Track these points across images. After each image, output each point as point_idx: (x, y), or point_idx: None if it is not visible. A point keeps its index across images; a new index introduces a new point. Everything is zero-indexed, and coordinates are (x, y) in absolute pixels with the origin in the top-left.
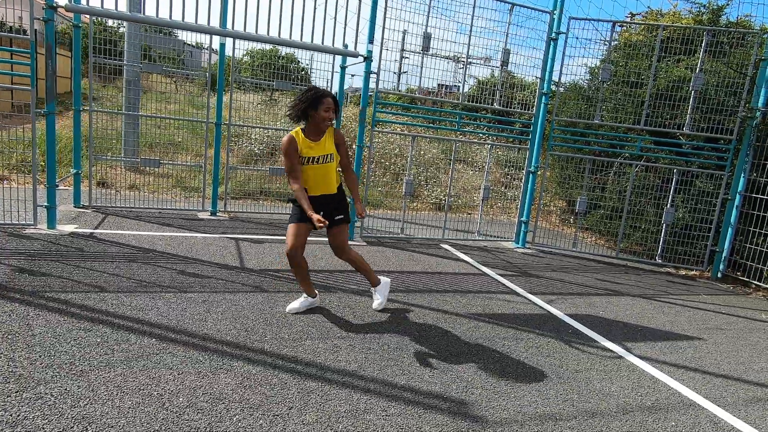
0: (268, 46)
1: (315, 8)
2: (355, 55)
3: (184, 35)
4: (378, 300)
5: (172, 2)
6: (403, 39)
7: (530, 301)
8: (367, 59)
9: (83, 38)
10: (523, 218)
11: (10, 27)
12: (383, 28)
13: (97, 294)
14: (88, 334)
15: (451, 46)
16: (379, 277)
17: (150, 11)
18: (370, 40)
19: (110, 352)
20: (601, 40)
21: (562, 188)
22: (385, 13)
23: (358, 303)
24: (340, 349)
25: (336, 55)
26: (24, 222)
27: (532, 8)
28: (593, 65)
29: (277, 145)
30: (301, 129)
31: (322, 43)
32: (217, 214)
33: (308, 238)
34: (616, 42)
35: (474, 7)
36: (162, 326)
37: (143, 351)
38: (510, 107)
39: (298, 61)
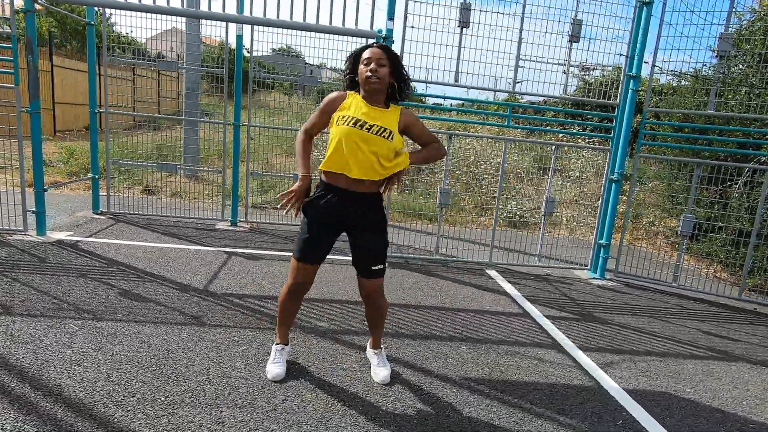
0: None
1: None
2: (371, 36)
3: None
4: (384, 371)
5: None
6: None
7: (575, 361)
8: (386, 39)
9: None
10: (602, 240)
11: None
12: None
13: None
14: None
15: (501, 20)
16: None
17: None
18: (390, 16)
19: None
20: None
21: (671, 202)
22: None
23: (319, 351)
24: (224, 425)
25: (351, 38)
26: (15, 228)
27: None
28: (707, 37)
29: None
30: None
31: (330, 23)
32: (238, 224)
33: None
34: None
35: None
36: (15, 370)
37: None
38: (586, 97)
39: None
